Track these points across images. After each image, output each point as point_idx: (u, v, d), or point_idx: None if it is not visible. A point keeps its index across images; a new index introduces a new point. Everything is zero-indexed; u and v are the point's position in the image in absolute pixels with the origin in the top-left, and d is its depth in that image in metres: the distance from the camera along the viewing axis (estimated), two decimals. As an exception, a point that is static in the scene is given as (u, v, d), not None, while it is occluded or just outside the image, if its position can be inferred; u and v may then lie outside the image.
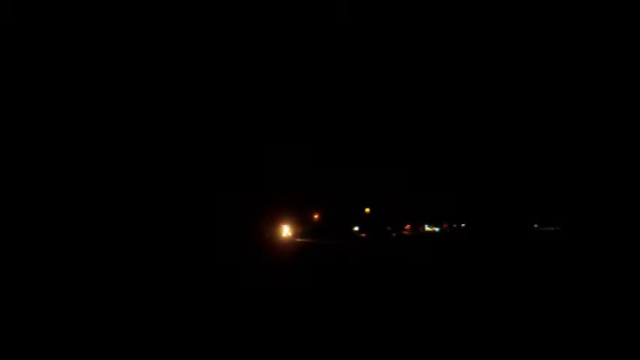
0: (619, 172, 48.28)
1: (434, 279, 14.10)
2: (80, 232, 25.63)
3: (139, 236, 26.68)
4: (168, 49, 34.86)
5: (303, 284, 12.87)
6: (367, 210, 65.92)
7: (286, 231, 47.94)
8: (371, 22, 47.19)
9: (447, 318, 8.17)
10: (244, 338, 6.92)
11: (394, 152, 66.33)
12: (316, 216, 57.72)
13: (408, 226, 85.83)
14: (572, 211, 59.17)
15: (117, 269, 15.94)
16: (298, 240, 43.15)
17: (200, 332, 7.19)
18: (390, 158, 65.39)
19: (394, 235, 71.38)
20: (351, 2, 44.48)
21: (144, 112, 32.46)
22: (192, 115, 35.29)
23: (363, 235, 59.89)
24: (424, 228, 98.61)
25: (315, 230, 53.29)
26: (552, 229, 77.80)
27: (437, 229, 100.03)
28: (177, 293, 10.89)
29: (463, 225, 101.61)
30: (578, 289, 11.49)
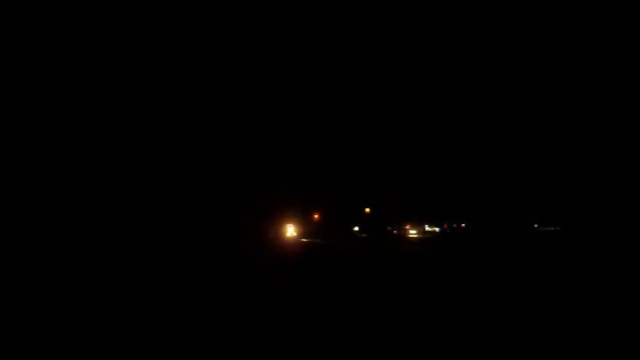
0: (619, 172, 48.27)
1: (434, 279, 14.10)
2: (80, 232, 25.64)
3: (142, 236, 26.69)
4: (168, 49, 34.87)
5: (303, 284, 12.88)
6: (367, 210, 65.96)
7: (291, 231, 47.91)
8: (371, 22, 47.18)
9: (447, 318, 8.17)
10: (243, 338, 6.93)
11: (394, 152, 66.31)
12: (316, 216, 57.72)
13: (408, 226, 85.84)
14: (572, 211, 59.13)
15: (118, 269, 15.95)
16: (303, 240, 43.11)
17: (200, 332, 7.19)
18: (390, 158, 65.37)
19: (395, 232, 71.23)
20: (351, 2, 44.46)
21: (144, 113, 32.46)
22: (192, 115, 35.30)
23: (364, 235, 59.91)
24: (424, 228, 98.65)
25: (315, 230, 53.29)
26: (552, 229, 77.75)
27: (437, 229, 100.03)
28: (178, 293, 10.90)
29: (463, 225, 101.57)
30: (578, 288, 11.50)
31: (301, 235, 49.03)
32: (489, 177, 72.47)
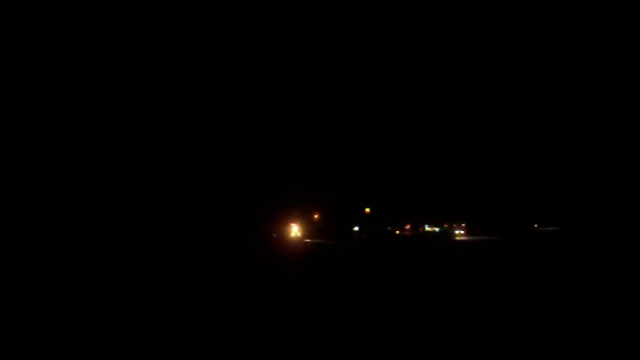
0: (619, 172, 48.27)
1: (433, 279, 14.08)
2: (81, 233, 25.63)
3: (143, 237, 26.66)
4: (167, 49, 34.84)
5: (301, 285, 12.86)
6: (367, 210, 65.86)
7: (295, 231, 47.81)
8: (371, 22, 47.19)
9: (447, 319, 8.14)
10: (241, 338, 6.91)
11: (394, 152, 66.28)
12: (316, 216, 57.65)
13: (408, 226, 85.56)
14: (572, 211, 59.12)
15: (119, 270, 15.93)
16: (307, 240, 42.98)
17: (199, 332, 7.17)
18: (391, 158, 65.33)
19: (397, 232, 70.60)
20: (351, 2, 44.44)
21: (145, 114, 32.43)
22: (194, 117, 35.28)
23: (364, 235, 59.80)
24: (424, 228, 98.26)
25: (315, 230, 53.22)
26: (552, 229, 77.48)
27: (437, 229, 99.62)
28: (179, 293, 10.88)
29: (463, 225, 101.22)
30: (578, 289, 11.47)
31: (303, 235, 49.01)
32: (489, 177, 72.42)
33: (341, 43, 46.55)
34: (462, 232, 64.09)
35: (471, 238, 54.58)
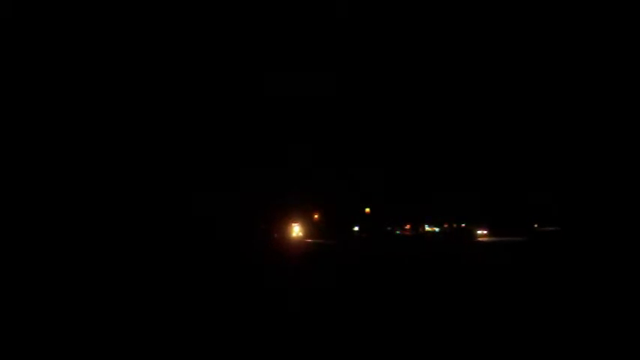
0: (619, 172, 48.26)
1: (433, 279, 14.08)
2: (81, 233, 25.64)
3: (144, 238, 26.66)
4: (167, 50, 34.84)
5: (301, 285, 12.86)
6: (367, 210, 65.83)
7: (297, 231, 47.85)
8: (372, 22, 47.14)
9: (446, 320, 8.14)
10: (242, 338, 6.91)
11: (394, 152, 66.24)
12: (316, 216, 57.62)
13: (408, 226, 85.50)
14: (572, 211, 59.09)
15: (119, 270, 15.93)
16: (308, 240, 42.93)
17: (199, 332, 7.18)
18: (391, 158, 65.28)
19: (397, 232, 70.50)
20: (351, 2, 44.40)
21: (146, 113, 32.43)
22: (195, 117, 35.28)
23: (364, 235, 59.75)
24: (424, 228, 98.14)
25: (315, 230, 53.18)
26: (552, 229, 77.31)
27: (437, 229, 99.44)
28: (179, 293, 10.89)
29: (463, 225, 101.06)
30: (578, 289, 11.47)
31: (305, 235, 49.03)
32: (489, 177, 72.37)
33: (341, 43, 46.50)
34: (485, 232, 58.44)
35: (495, 239, 49.58)
